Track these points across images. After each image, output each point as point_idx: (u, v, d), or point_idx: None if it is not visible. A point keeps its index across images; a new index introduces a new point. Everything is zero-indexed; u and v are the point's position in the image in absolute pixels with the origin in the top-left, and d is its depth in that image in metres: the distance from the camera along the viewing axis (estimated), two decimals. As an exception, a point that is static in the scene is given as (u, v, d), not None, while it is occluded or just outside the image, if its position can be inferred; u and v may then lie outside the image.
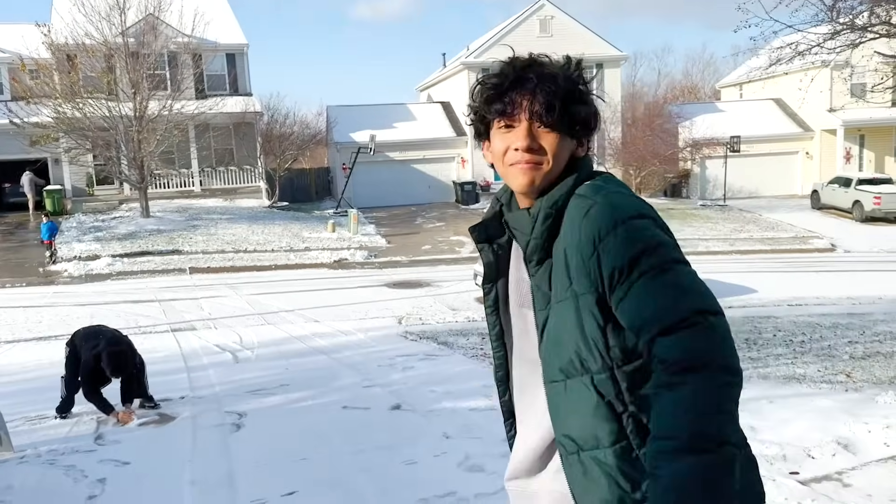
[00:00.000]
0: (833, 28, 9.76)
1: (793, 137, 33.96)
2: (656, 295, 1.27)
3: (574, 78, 1.51)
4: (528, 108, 1.46)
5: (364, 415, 5.31)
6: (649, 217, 1.38)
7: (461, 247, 21.65)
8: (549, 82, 1.47)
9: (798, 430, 3.99)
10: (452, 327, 10.51)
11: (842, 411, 4.26)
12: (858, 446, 3.61)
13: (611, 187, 1.42)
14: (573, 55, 1.66)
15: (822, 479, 3.29)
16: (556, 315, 1.38)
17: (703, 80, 68.24)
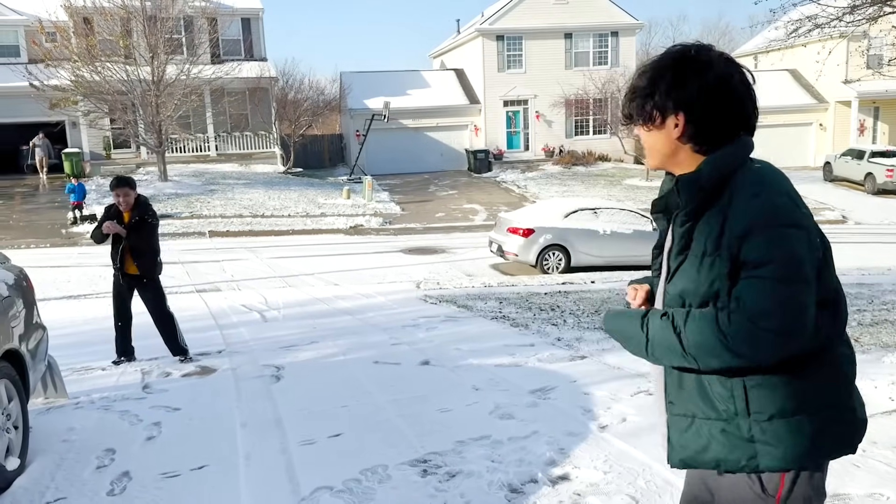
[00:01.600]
0: (852, 2, 9.84)
1: (807, 109, 33.83)
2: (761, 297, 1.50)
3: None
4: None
5: (395, 369, 5.64)
6: (804, 228, 1.58)
7: (474, 215, 21.89)
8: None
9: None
10: (470, 292, 10.81)
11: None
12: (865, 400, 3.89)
13: (769, 186, 1.62)
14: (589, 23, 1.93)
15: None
16: (689, 263, 1.63)
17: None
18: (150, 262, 6.34)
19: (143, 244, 6.24)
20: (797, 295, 1.52)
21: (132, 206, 6.24)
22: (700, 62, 1.68)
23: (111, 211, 6.31)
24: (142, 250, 6.26)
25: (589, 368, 5.21)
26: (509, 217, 14.37)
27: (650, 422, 3.90)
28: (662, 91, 1.66)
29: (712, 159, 1.67)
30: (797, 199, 1.66)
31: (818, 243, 1.64)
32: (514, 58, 31.57)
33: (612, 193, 25.07)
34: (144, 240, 6.25)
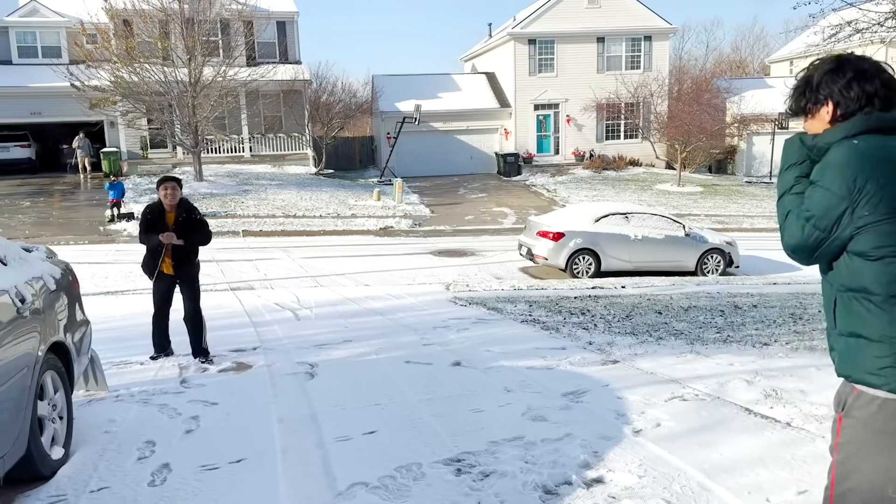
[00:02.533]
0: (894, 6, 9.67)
1: (845, 115, 33.21)
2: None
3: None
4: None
5: (427, 369, 5.68)
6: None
7: (504, 218, 21.90)
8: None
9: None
10: (500, 295, 10.84)
11: None
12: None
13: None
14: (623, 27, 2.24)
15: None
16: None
17: (752, 54, 66.57)
18: (194, 259, 6.34)
19: (195, 243, 6.23)
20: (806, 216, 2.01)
21: (176, 204, 6.20)
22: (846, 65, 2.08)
23: (155, 212, 6.21)
24: (190, 250, 6.23)
25: (621, 373, 5.20)
26: (539, 220, 14.36)
27: (685, 427, 3.90)
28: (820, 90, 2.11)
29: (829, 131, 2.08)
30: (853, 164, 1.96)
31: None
32: (546, 61, 31.52)
33: (642, 198, 24.89)
34: (196, 238, 6.22)
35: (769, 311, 9.26)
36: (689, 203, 24.71)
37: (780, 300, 10.45)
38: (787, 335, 7.36)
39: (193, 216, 6.23)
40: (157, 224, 6.15)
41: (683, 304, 10.02)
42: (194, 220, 6.21)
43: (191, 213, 6.23)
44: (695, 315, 8.96)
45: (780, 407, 4.05)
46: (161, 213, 6.20)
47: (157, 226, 6.14)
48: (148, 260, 6.29)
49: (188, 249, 6.22)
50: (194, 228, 6.20)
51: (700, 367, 5.30)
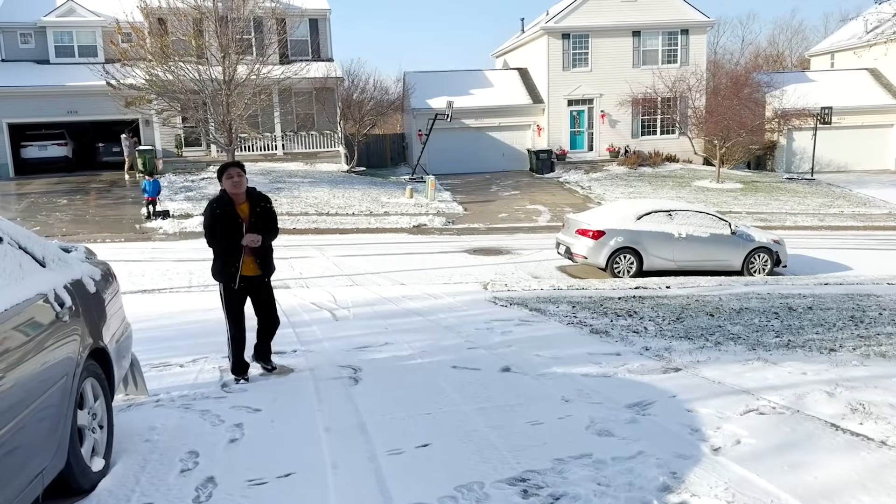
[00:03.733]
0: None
1: (887, 109, 32.30)
2: None
3: None
4: None
5: (476, 375, 5.42)
6: None
7: (538, 216, 21.54)
8: None
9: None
10: (540, 295, 10.54)
11: None
12: None
13: None
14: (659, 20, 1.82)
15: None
16: None
17: (790, 48, 65.19)
18: (271, 256, 5.57)
19: (272, 236, 5.44)
20: None
21: (245, 192, 5.33)
22: None
23: (225, 205, 5.25)
24: (269, 246, 5.48)
25: (686, 382, 4.89)
26: (578, 218, 14.01)
27: (768, 444, 3.58)
28: None
29: None
30: None
31: None
32: (580, 56, 31.04)
33: (680, 195, 24.34)
34: (273, 230, 5.45)
35: (826, 314, 8.84)
36: (729, 200, 24.10)
37: (835, 302, 10.00)
38: (852, 340, 6.97)
39: (268, 205, 5.45)
40: (229, 220, 5.23)
41: (734, 305, 9.62)
42: (269, 210, 5.42)
43: (266, 203, 5.44)
44: (749, 318, 8.57)
45: (870, 423, 3.72)
46: (231, 206, 5.27)
47: (230, 222, 5.23)
48: (222, 265, 5.33)
49: (268, 246, 5.47)
50: (270, 220, 5.42)
51: (770, 375, 4.96)
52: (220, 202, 5.30)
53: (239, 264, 5.28)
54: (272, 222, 5.44)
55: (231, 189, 5.28)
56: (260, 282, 5.50)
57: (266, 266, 5.50)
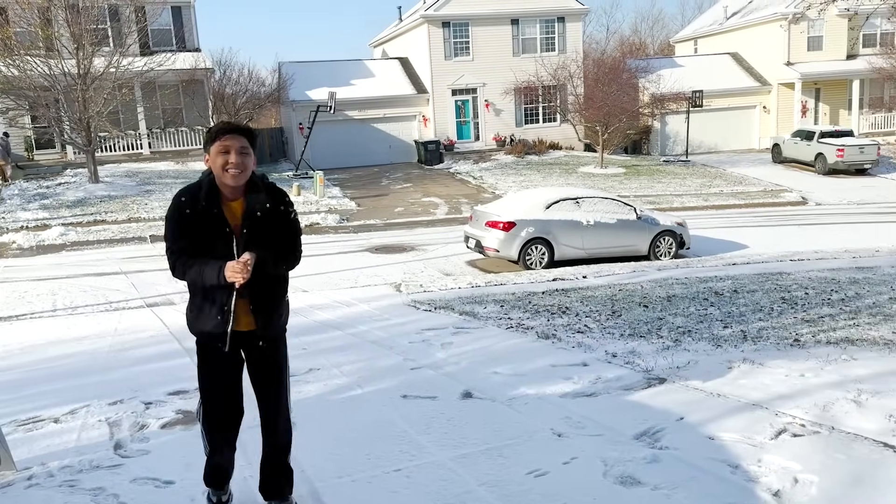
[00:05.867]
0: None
1: (751, 91, 34.06)
2: None
3: None
4: None
5: (434, 406, 4.57)
6: None
7: (435, 208, 20.85)
8: None
9: None
10: (461, 295, 9.80)
11: None
12: None
13: None
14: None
15: None
16: None
17: (651, 36, 68.32)
18: (281, 301, 3.18)
19: (281, 263, 3.06)
20: None
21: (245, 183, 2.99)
22: None
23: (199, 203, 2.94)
24: (277, 280, 3.13)
25: (683, 397, 4.27)
26: (487, 210, 13.39)
27: (834, 481, 2.98)
28: None
29: None
30: None
31: None
32: (461, 45, 30.57)
33: (569, 181, 24.44)
34: (290, 252, 3.08)
35: (755, 297, 8.68)
36: (615, 185, 24.42)
37: (754, 283, 9.93)
38: (803, 325, 6.72)
39: (280, 208, 3.06)
40: (211, 227, 2.94)
41: (660, 293, 9.31)
42: (285, 215, 3.07)
43: (278, 203, 3.06)
44: (683, 306, 8.24)
45: (934, 441, 3.23)
46: (215, 204, 2.96)
47: (211, 230, 2.94)
48: (199, 309, 3.08)
49: (275, 280, 3.09)
50: (285, 233, 3.06)
51: (768, 381, 4.44)
52: (192, 196, 2.96)
53: (230, 308, 2.99)
54: (289, 237, 3.07)
55: (226, 175, 2.92)
56: (256, 342, 3.11)
57: (267, 315, 3.08)
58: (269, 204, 3.03)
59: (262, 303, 3.06)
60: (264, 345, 3.12)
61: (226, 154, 2.92)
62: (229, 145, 2.92)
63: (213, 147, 2.95)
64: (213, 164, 2.96)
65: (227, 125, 3.02)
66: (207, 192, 2.97)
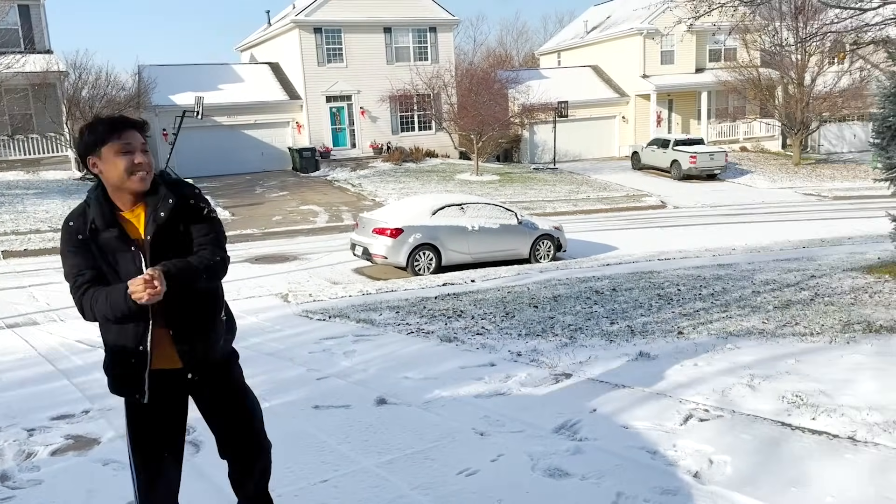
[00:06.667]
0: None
1: (611, 102, 36.08)
2: None
3: None
4: None
5: (350, 414, 4.49)
6: None
7: (315, 216, 20.49)
8: None
9: (870, 390, 3.86)
10: (353, 303, 9.70)
11: (891, 364, 4.22)
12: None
13: None
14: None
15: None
16: None
17: (517, 48, 70.85)
18: (213, 322, 2.63)
19: (202, 272, 2.49)
20: None
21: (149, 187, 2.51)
22: None
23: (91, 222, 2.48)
24: (207, 297, 2.62)
25: (591, 390, 4.45)
26: (374, 217, 13.34)
27: (746, 461, 3.21)
28: None
29: None
30: None
31: None
32: (335, 51, 30.31)
33: (447, 188, 24.82)
34: (206, 260, 2.51)
35: (634, 294, 9.19)
36: (491, 191, 25.07)
37: (630, 281, 10.50)
38: (682, 319, 7.19)
39: (194, 202, 2.57)
40: (109, 252, 2.48)
41: (546, 294, 9.65)
42: (197, 212, 2.56)
43: (187, 199, 2.56)
44: (569, 305, 8.59)
45: (823, 417, 3.54)
46: (109, 221, 2.48)
47: (110, 257, 2.49)
48: (111, 355, 2.61)
49: (201, 298, 2.56)
50: (201, 234, 2.56)
51: (665, 371, 4.72)
52: (82, 218, 2.50)
53: (145, 347, 2.49)
54: (208, 238, 2.55)
55: (135, 178, 2.44)
56: (189, 376, 2.59)
57: (193, 344, 2.54)
58: (175, 203, 2.49)
59: (186, 330, 2.50)
60: (196, 377, 2.58)
61: (129, 154, 2.42)
62: (132, 143, 2.44)
63: (109, 148, 2.42)
64: (110, 170, 2.43)
65: (122, 119, 2.52)
66: (99, 208, 2.46)
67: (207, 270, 2.50)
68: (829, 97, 30.70)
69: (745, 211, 22.17)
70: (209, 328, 2.59)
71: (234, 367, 2.75)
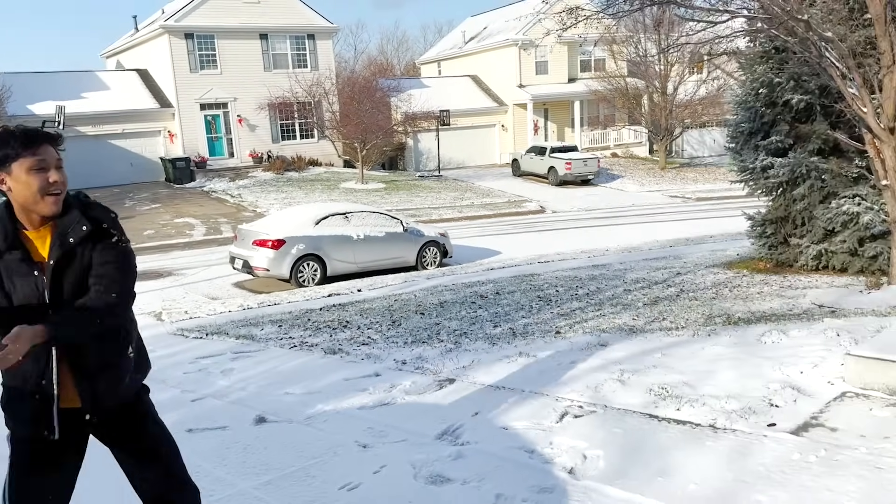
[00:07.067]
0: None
1: (490, 111, 36.94)
2: None
3: None
4: None
5: (227, 436, 4.31)
6: None
7: (191, 229, 19.67)
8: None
9: (728, 379, 4.11)
10: (233, 318, 9.37)
11: (749, 354, 4.52)
12: (808, 389, 3.82)
13: None
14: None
15: (807, 427, 3.38)
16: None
17: (397, 57, 71.22)
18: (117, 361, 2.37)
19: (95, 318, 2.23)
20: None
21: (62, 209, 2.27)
22: None
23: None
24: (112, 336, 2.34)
25: (474, 394, 4.50)
26: (254, 228, 12.95)
27: (617, 454, 3.34)
28: None
29: None
30: None
31: None
32: (208, 58, 29.28)
33: (332, 197, 24.54)
34: (115, 298, 2.27)
35: (516, 297, 9.41)
36: (377, 199, 25.02)
37: (512, 284, 10.77)
38: (561, 319, 7.43)
39: (107, 226, 2.31)
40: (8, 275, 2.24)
41: (433, 300, 9.72)
42: (108, 239, 2.29)
43: (100, 223, 2.30)
44: (455, 311, 8.69)
45: (686, 408, 3.74)
46: (12, 242, 2.24)
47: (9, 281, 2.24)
48: (7, 390, 2.37)
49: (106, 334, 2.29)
50: (106, 267, 2.26)
51: (543, 370, 4.85)
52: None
53: (49, 382, 2.26)
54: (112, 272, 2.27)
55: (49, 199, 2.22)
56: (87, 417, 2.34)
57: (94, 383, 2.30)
58: (87, 227, 2.23)
59: (86, 368, 2.26)
60: (95, 419, 2.33)
61: (43, 172, 2.18)
62: (46, 160, 2.19)
63: (20, 165, 2.17)
64: (21, 189, 2.18)
65: (35, 132, 2.24)
66: (2, 228, 2.22)
67: (102, 314, 2.23)
68: (690, 105, 32.84)
69: (618, 213, 23.29)
70: (113, 365, 2.33)
71: (144, 404, 2.52)
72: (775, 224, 9.81)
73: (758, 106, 9.62)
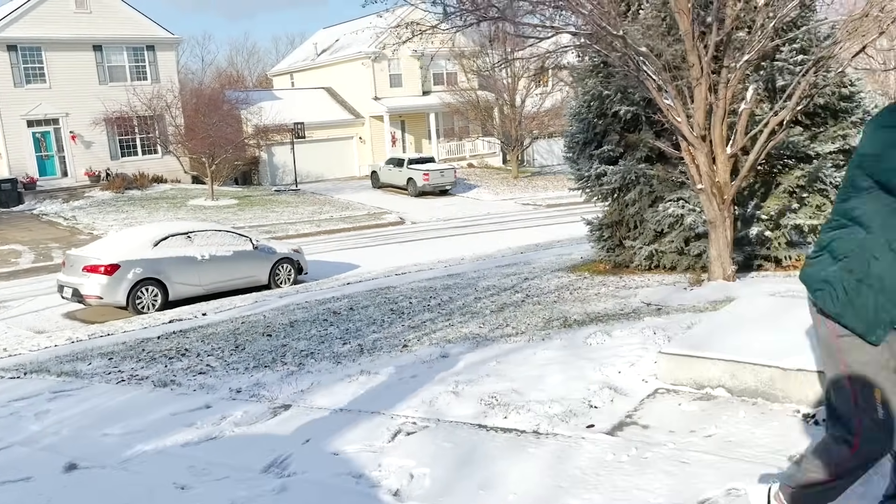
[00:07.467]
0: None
1: (347, 124, 36.72)
2: None
3: None
4: None
5: (30, 488, 3.86)
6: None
7: (17, 257, 17.98)
8: None
9: (555, 383, 4.19)
10: (58, 353, 8.60)
11: (575, 357, 4.63)
12: (625, 388, 3.94)
13: None
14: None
15: (622, 426, 3.48)
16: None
17: (248, 68, 69.25)
18: None
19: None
20: None
21: None
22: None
23: None
24: None
25: (308, 419, 4.32)
26: (83, 253, 12.00)
27: (444, 469, 3.29)
28: None
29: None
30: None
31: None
32: (35, 71, 27.05)
33: (179, 216, 23.35)
34: None
35: (370, 311, 9.30)
36: (229, 216, 24.07)
37: (367, 299, 10.65)
38: (410, 332, 7.39)
39: None
40: None
41: (283, 320, 9.42)
42: None
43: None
44: (305, 330, 8.45)
45: (513, 415, 3.76)
46: None
47: None
48: None
49: None
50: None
51: (382, 387, 4.76)
52: None
53: None
54: None
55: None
56: None
57: None
58: None
59: None
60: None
61: None
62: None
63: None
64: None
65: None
66: None
67: None
68: (537, 116, 34.24)
69: (474, 223, 23.80)
70: None
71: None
72: (611, 228, 10.34)
73: (590, 117, 10.11)
